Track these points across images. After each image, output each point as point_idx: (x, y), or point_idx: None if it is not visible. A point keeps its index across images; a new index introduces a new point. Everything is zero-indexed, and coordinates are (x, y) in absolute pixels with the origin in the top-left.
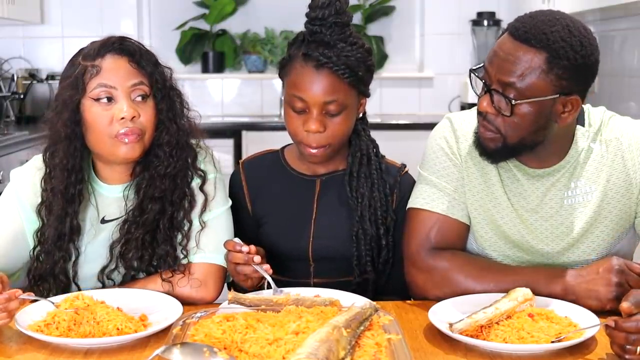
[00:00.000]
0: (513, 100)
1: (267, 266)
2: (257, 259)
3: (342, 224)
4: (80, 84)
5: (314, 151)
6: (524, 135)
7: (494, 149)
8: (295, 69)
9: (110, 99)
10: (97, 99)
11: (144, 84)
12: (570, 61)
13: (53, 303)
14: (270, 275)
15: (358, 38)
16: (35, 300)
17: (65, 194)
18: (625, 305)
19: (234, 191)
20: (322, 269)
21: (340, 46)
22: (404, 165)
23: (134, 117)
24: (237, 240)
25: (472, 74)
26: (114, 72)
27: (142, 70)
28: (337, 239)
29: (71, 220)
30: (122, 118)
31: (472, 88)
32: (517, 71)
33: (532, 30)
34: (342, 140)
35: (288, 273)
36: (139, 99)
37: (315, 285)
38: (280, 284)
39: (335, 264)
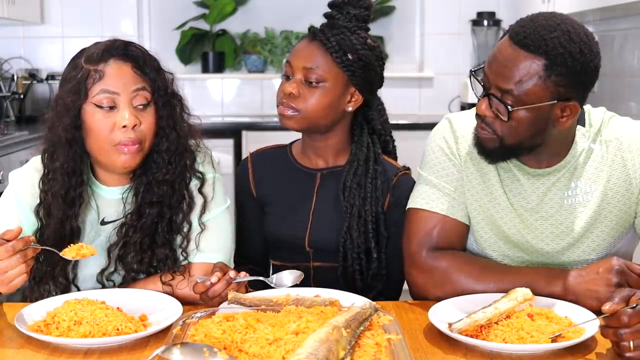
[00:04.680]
0: (510, 107)
1: (243, 273)
2: (233, 273)
3: (339, 217)
4: (82, 88)
5: (283, 110)
6: (521, 139)
7: (491, 148)
8: (296, 44)
9: (112, 106)
10: (99, 105)
11: (146, 90)
12: (568, 68)
13: (59, 253)
14: (272, 262)
15: (369, 38)
16: (46, 251)
17: (66, 197)
18: (605, 307)
19: (241, 179)
20: (320, 255)
21: (343, 31)
22: (405, 167)
23: (135, 125)
24: (201, 279)
25: (472, 76)
26: (118, 77)
27: (145, 77)
28: (334, 231)
29: (71, 223)
30: (124, 126)
31: (472, 90)
32: (515, 77)
33: (531, 36)
34: (314, 115)
35: (288, 258)
36: (141, 105)
37: (315, 268)
38: (282, 268)
39: (332, 253)
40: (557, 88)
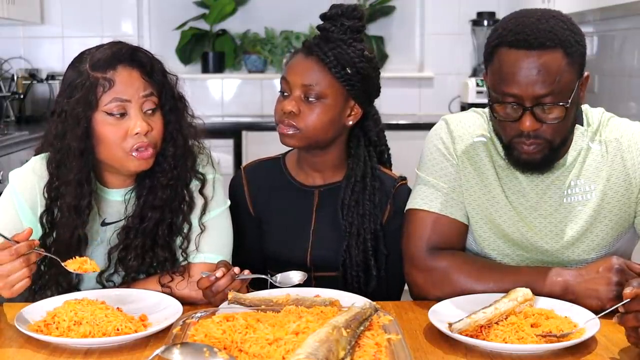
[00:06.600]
0: (566, 103)
1: (246, 271)
2: (237, 269)
3: (338, 235)
4: (92, 98)
5: (284, 129)
6: (568, 131)
7: (541, 158)
8: (290, 58)
9: (123, 113)
10: (110, 113)
11: (154, 95)
12: (578, 44)
13: (62, 263)
14: (270, 272)
15: (366, 50)
16: (49, 257)
17: (78, 207)
18: (627, 290)
19: (236, 195)
20: (321, 269)
21: (339, 44)
22: (402, 177)
23: (148, 131)
24: (205, 274)
25: (493, 107)
26: (128, 85)
27: (153, 82)
28: (334, 249)
29: (79, 232)
30: (137, 133)
31: (499, 120)
32: (550, 78)
33: (537, 34)
34: (315, 133)
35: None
36: (150, 111)
37: (316, 278)
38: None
39: (333, 267)
40: (578, 66)
